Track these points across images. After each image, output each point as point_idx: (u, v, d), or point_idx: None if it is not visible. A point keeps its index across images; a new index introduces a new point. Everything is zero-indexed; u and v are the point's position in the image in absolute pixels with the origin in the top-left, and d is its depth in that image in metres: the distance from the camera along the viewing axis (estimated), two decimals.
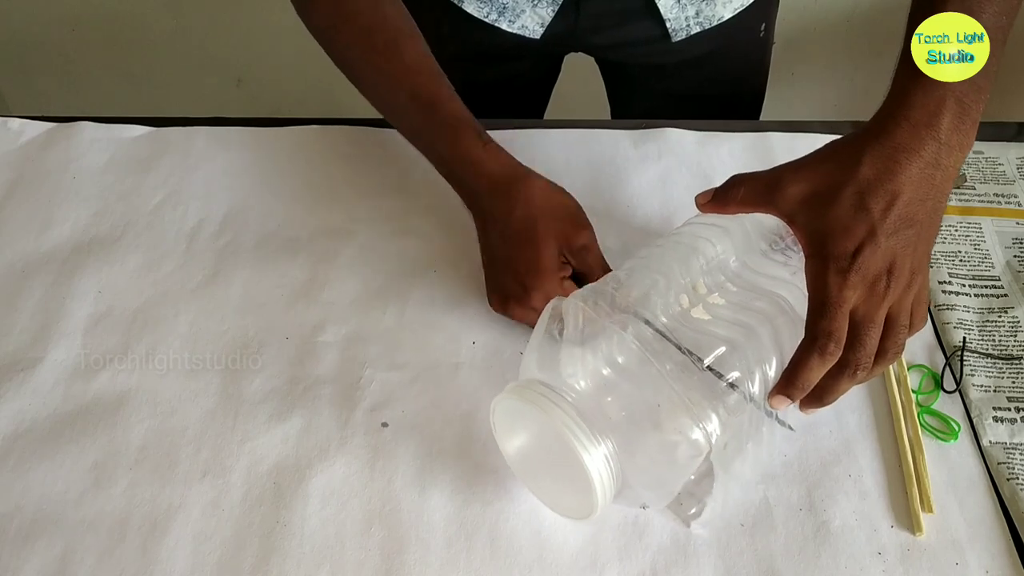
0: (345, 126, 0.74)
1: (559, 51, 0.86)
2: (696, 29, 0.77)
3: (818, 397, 0.45)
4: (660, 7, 0.74)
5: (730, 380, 0.45)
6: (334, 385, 0.56)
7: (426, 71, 0.61)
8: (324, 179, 0.70)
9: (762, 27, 0.84)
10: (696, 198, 0.51)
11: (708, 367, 0.45)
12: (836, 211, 0.45)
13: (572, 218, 0.58)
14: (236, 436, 0.54)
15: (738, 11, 0.78)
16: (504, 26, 0.76)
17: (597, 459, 0.44)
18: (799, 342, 0.45)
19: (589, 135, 0.73)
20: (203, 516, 0.50)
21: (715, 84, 0.84)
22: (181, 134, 0.73)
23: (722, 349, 0.46)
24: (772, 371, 0.47)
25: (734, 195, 0.50)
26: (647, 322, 0.46)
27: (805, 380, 0.44)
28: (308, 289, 0.62)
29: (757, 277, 0.50)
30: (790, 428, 0.49)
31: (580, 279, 0.58)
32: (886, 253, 0.45)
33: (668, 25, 0.75)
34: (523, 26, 0.76)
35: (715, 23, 0.77)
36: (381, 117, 0.67)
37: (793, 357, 0.45)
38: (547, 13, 0.75)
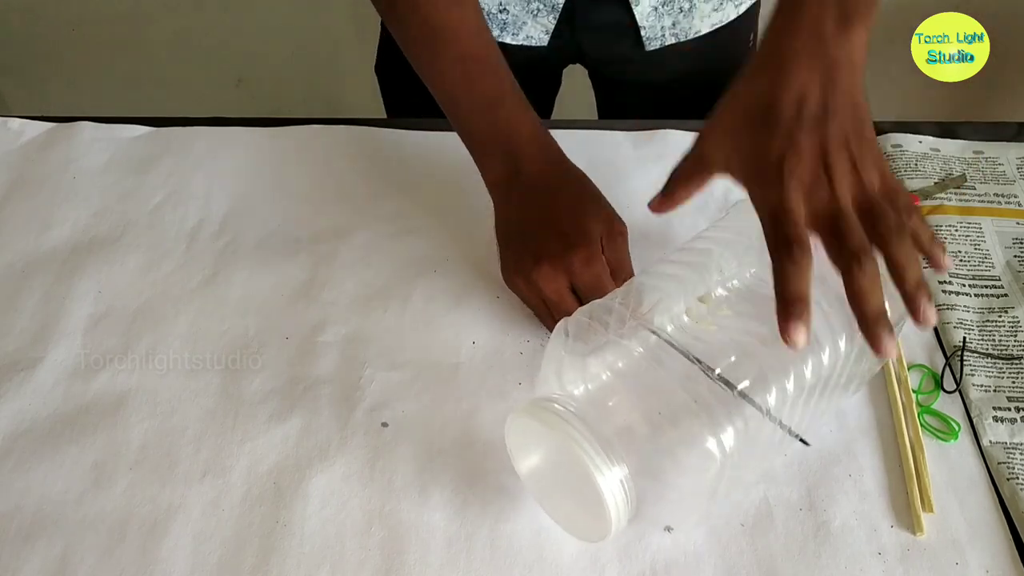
0: (345, 126, 0.74)
1: (559, 62, 0.86)
2: (671, 40, 0.78)
3: (865, 317, 0.42)
4: (636, 14, 0.75)
5: (740, 389, 0.44)
6: (334, 385, 0.56)
7: (480, 35, 0.61)
8: (324, 179, 0.70)
9: (751, 37, 0.85)
10: (648, 206, 0.53)
11: (719, 376, 0.44)
12: (751, 134, 0.46)
13: (613, 211, 0.59)
14: (236, 436, 0.54)
15: (716, 27, 0.79)
16: (508, 40, 0.77)
17: (611, 480, 0.43)
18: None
19: (589, 136, 0.73)
20: (203, 516, 0.50)
21: (706, 98, 0.84)
22: (181, 134, 0.73)
23: (732, 359, 0.45)
24: (790, 384, 0.45)
25: (672, 183, 0.52)
26: (654, 332, 0.46)
27: (792, 292, 0.41)
28: (308, 289, 0.62)
29: (767, 288, 0.49)
30: (804, 443, 0.48)
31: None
32: (812, 149, 0.44)
33: (643, 33, 0.76)
34: (528, 36, 0.77)
35: (691, 36, 0.78)
36: (381, 117, 0.67)
37: (774, 287, 0.42)
38: (549, 22, 0.76)
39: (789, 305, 0.41)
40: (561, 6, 0.75)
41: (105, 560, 0.48)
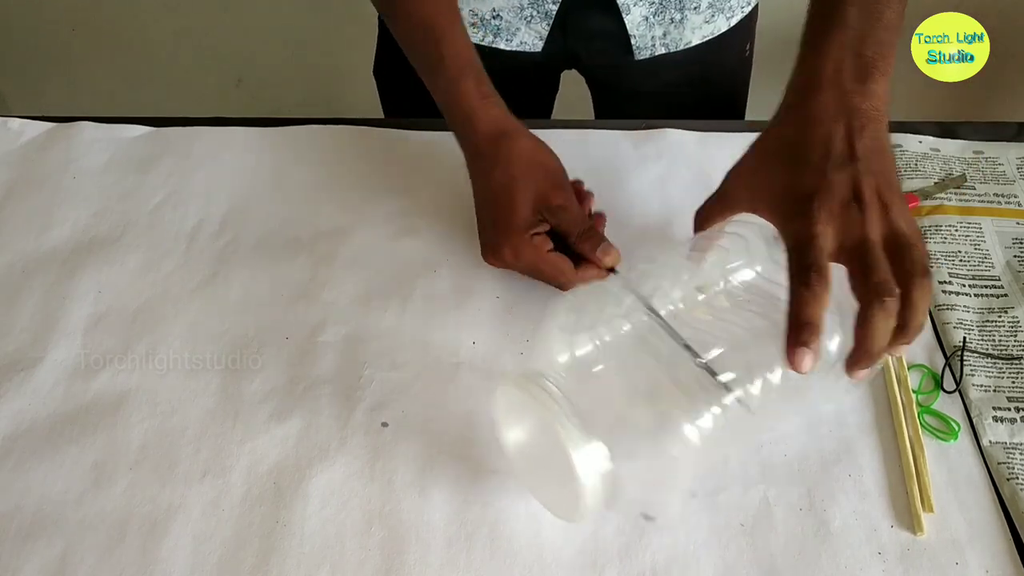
0: (345, 126, 0.74)
1: (556, 67, 0.86)
2: (661, 50, 0.78)
3: (864, 349, 0.43)
4: (627, 23, 0.75)
5: (724, 381, 0.44)
6: (334, 385, 0.56)
7: (444, 5, 0.62)
8: (324, 179, 0.70)
9: (747, 46, 0.85)
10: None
11: (704, 365, 0.45)
12: (782, 176, 0.47)
13: (550, 178, 0.60)
14: (236, 436, 0.54)
15: (707, 39, 0.79)
16: (502, 46, 0.77)
17: (588, 458, 0.43)
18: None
19: (589, 135, 0.73)
20: (203, 516, 0.50)
21: (700, 106, 0.85)
22: (181, 134, 0.73)
23: (721, 349, 0.46)
24: (776, 379, 0.46)
25: (698, 225, 0.53)
26: (649, 312, 0.46)
27: (803, 318, 0.42)
28: (308, 289, 0.62)
29: (772, 287, 0.50)
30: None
31: (562, 238, 0.59)
32: (843, 185, 0.45)
33: (633, 42, 0.76)
34: (522, 42, 0.77)
35: (681, 47, 0.78)
36: (381, 117, 0.67)
37: (788, 311, 0.43)
38: (542, 28, 0.76)
39: (799, 331, 0.42)
40: (554, 13, 0.75)
41: (105, 560, 0.48)
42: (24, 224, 0.66)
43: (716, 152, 0.71)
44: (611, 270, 0.58)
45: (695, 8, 0.76)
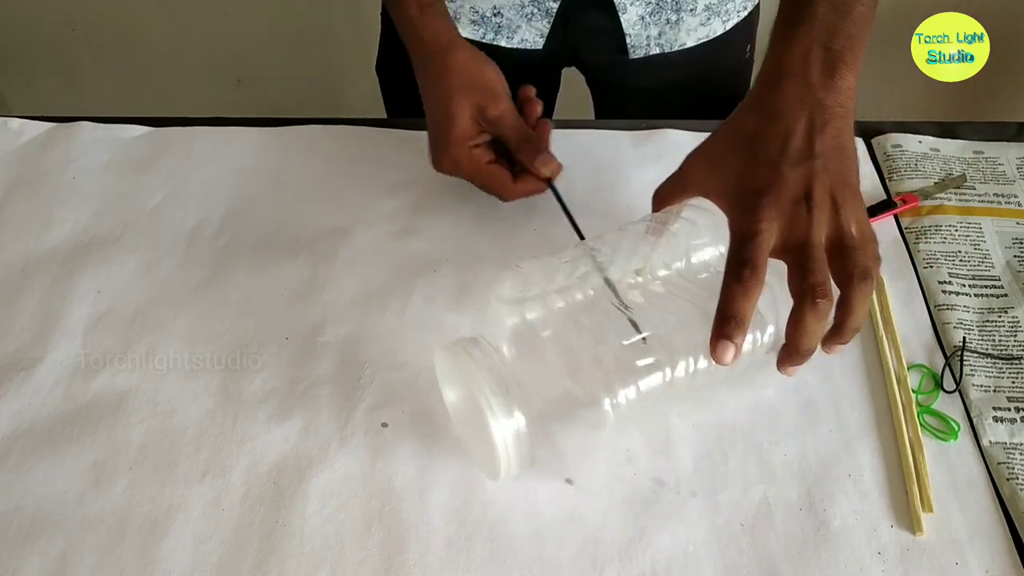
0: (345, 126, 0.74)
1: (556, 64, 0.86)
2: (656, 50, 0.78)
3: (793, 346, 0.44)
4: (623, 21, 0.75)
5: (649, 362, 0.46)
6: (334, 385, 0.56)
7: None
8: (324, 179, 0.70)
9: (747, 48, 0.85)
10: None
11: (629, 344, 0.46)
12: (736, 165, 0.47)
13: (488, 91, 0.61)
14: (236, 436, 0.54)
15: (702, 41, 0.79)
16: (503, 43, 0.77)
17: (504, 426, 0.45)
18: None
19: (589, 135, 0.73)
20: (203, 516, 0.50)
21: (699, 106, 0.85)
22: (181, 134, 0.73)
23: (647, 332, 0.47)
24: (698, 365, 0.47)
25: (655, 203, 0.54)
26: (606, 283, 0.48)
27: (731, 311, 0.43)
28: (308, 289, 0.62)
29: (715, 276, 0.50)
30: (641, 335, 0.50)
31: (504, 148, 0.62)
32: (795, 183, 0.45)
33: (628, 41, 0.77)
34: (523, 40, 0.77)
35: (676, 48, 0.78)
36: (381, 117, 0.67)
37: (719, 299, 0.44)
38: (543, 25, 0.76)
39: (725, 323, 0.43)
40: (555, 11, 0.75)
41: (105, 560, 0.48)
42: (24, 224, 0.66)
43: None
44: (549, 182, 0.61)
45: (691, 10, 0.76)
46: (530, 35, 0.77)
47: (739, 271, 0.43)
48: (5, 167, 0.70)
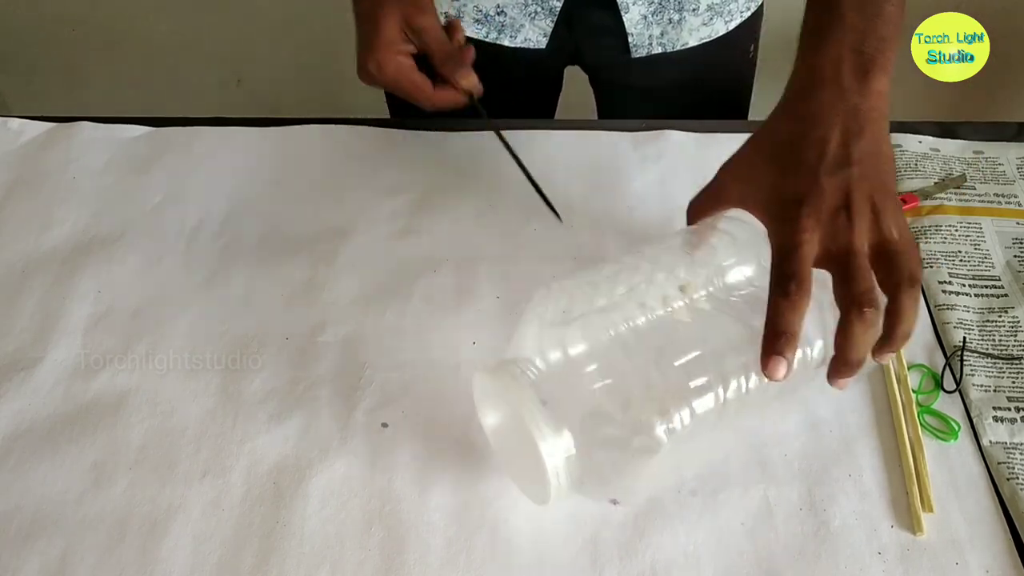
0: (345, 126, 0.74)
1: (559, 64, 0.86)
2: (658, 49, 0.78)
3: (843, 358, 0.43)
4: (625, 21, 0.75)
5: (702, 382, 0.44)
6: (334, 385, 0.56)
7: None
8: (324, 179, 0.70)
9: (751, 48, 0.85)
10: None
11: (682, 365, 0.45)
12: (774, 173, 0.47)
13: (414, 2, 0.63)
14: (236, 436, 0.54)
15: (704, 40, 0.79)
16: (506, 42, 0.77)
17: (554, 450, 0.44)
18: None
19: (589, 136, 0.73)
20: (203, 516, 0.50)
21: (702, 106, 0.85)
22: (181, 134, 0.73)
23: (696, 352, 0.46)
24: (752, 385, 0.46)
25: (690, 218, 0.53)
26: (626, 316, 0.46)
27: (780, 327, 0.42)
28: (308, 289, 0.62)
29: (758, 291, 0.49)
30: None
31: (426, 63, 0.63)
32: (834, 191, 0.44)
33: (630, 40, 0.77)
34: (526, 39, 0.77)
35: (678, 47, 0.78)
36: (381, 117, 0.67)
37: (766, 315, 0.43)
38: (547, 24, 0.76)
39: (775, 338, 0.42)
40: (558, 9, 0.75)
41: (105, 560, 0.48)
42: (24, 224, 0.66)
43: (717, 153, 0.70)
44: (470, 99, 0.62)
45: (693, 10, 0.76)
46: (533, 34, 0.77)
47: (785, 285, 0.42)
48: (5, 167, 0.70)
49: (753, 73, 0.89)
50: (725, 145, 0.71)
